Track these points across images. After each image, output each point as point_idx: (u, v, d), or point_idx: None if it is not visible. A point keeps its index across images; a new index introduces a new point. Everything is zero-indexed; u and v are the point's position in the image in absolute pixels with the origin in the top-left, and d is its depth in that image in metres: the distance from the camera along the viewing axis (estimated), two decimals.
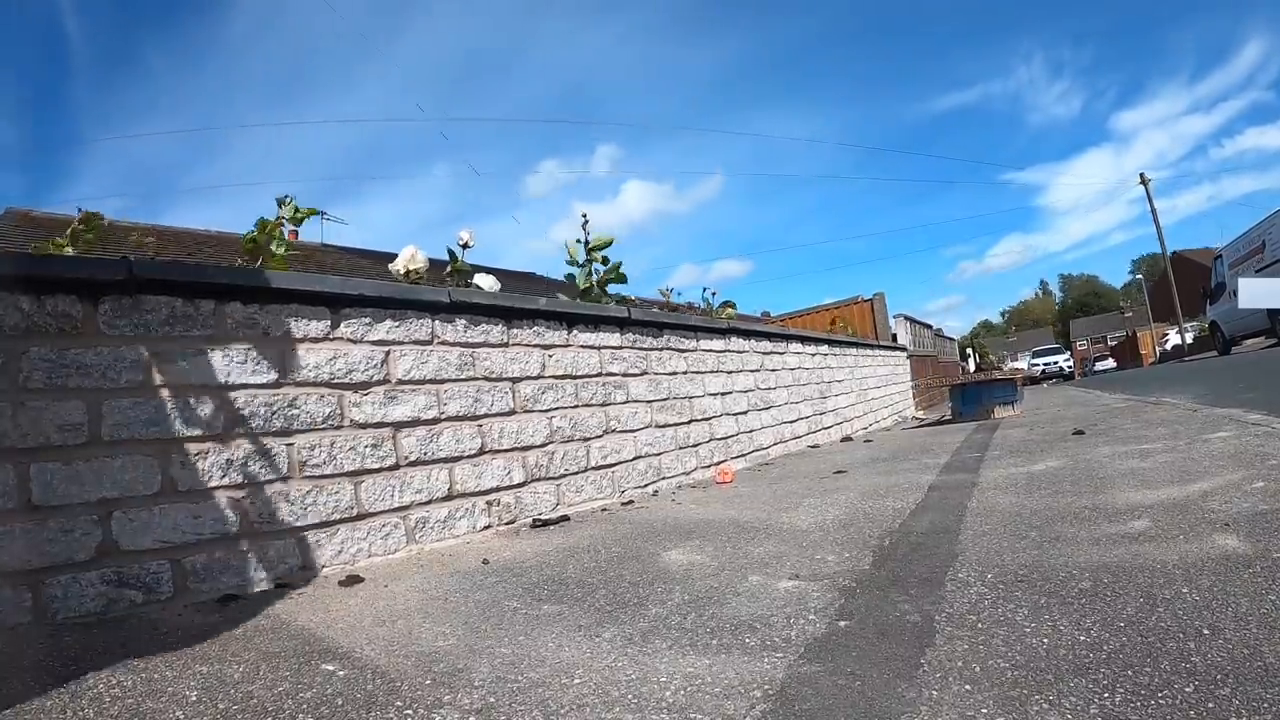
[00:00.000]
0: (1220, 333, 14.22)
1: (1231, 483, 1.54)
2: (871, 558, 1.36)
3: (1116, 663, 0.78)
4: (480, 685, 0.91)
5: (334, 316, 1.81)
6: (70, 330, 1.39)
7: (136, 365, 1.45)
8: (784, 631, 1.01)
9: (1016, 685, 0.76)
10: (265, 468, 1.60)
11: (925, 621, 0.98)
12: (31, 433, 1.31)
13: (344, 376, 1.80)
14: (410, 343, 1.98)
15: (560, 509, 2.30)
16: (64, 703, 0.91)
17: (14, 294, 1.33)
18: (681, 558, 1.54)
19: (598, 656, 0.99)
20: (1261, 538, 1.13)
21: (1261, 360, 7.92)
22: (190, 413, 1.50)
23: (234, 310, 1.62)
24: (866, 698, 0.77)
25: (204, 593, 1.45)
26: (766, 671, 0.87)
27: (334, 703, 0.88)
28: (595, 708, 0.82)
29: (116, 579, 1.34)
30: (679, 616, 1.13)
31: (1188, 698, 0.68)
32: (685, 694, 0.83)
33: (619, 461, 2.61)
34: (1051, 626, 0.91)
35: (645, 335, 2.96)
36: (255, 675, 0.99)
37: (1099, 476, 1.89)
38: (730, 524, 1.88)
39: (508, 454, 2.17)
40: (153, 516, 1.41)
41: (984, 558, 1.26)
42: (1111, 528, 1.34)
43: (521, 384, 2.29)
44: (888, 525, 1.63)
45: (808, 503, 2.10)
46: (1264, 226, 11.95)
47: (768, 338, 4.23)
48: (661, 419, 2.92)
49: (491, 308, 2.24)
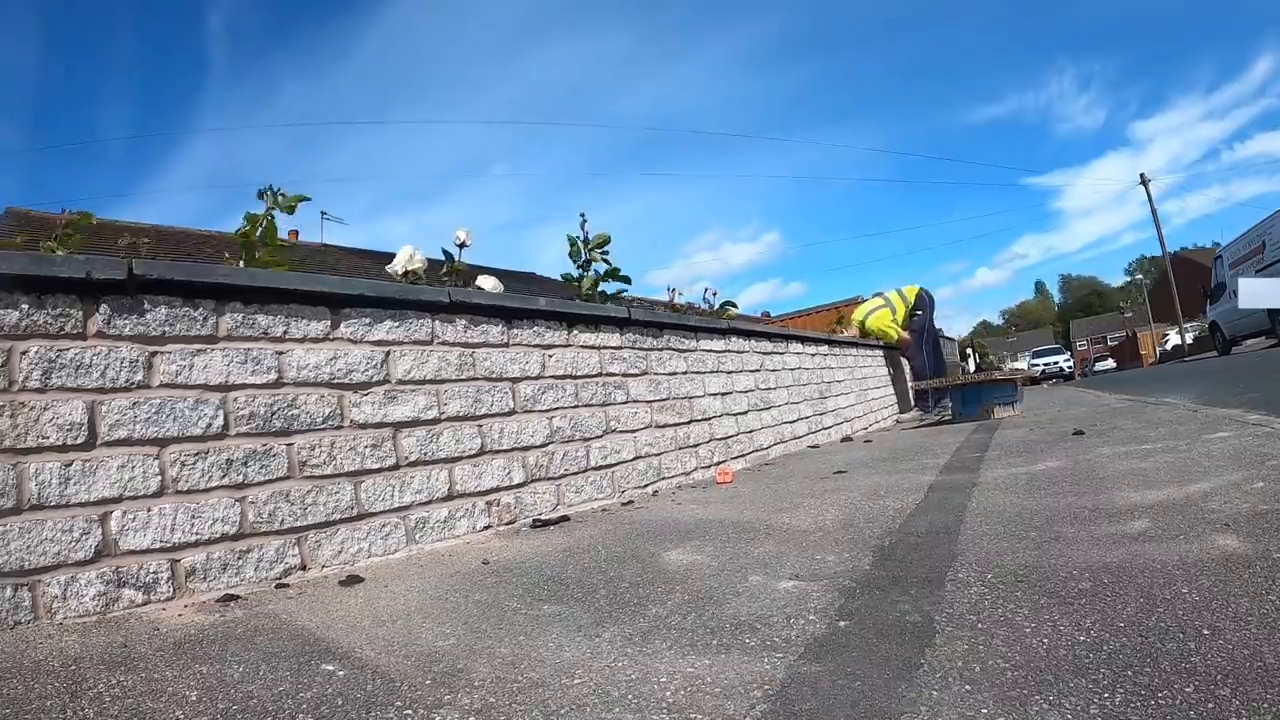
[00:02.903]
0: (1220, 333, 14.24)
1: (1231, 483, 1.54)
2: (871, 558, 1.36)
3: (1116, 663, 0.78)
4: (480, 685, 0.91)
5: (334, 316, 1.81)
6: (70, 330, 1.39)
7: (136, 365, 1.45)
8: (784, 631, 1.01)
9: (1016, 685, 0.76)
10: (265, 468, 1.60)
11: (925, 621, 0.98)
12: (30, 432, 1.31)
13: (344, 377, 1.80)
14: (410, 343, 1.98)
15: (560, 509, 2.30)
16: (64, 703, 0.90)
17: (13, 293, 1.33)
18: (681, 558, 1.54)
19: (598, 657, 0.99)
20: (1261, 538, 1.13)
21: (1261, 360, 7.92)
22: (190, 413, 1.51)
23: (234, 310, 1.63)
24: (866, 698, 0.77)
25: (204, 592, 1.45)
26: (766, 672, 0.87)
27: (334, 703, 0.88)
28: (595, 708, 0.82)
29: (116, 579, 1.34)
30: (679, 616, 1.13)
31: (1188, 698, 0.68)
32: (685, 694, 0.83)
33: (619, 462, 2.61)
34: (1051, 627, 0.91)
35: (645, 335, 2.96)
36: (255, 675, 0.99)
37: (1099, 477, 1.89)
38: (730, 524, 1.88)
39: (508, 454, 2.17)
40: (152, 516, 1.41)
41: (984, 558, 1.26)
42: (1111, 528, 1.34)
43: (521, 384, 2.29)
44: (888, 525, 1.63)
45: (808, 503, 2.10)
46: (1264, 227, 11.95)
47: (768, 338, 4.23)
48: (661, 419, 2.92)
49: (491, 308, 2.24)
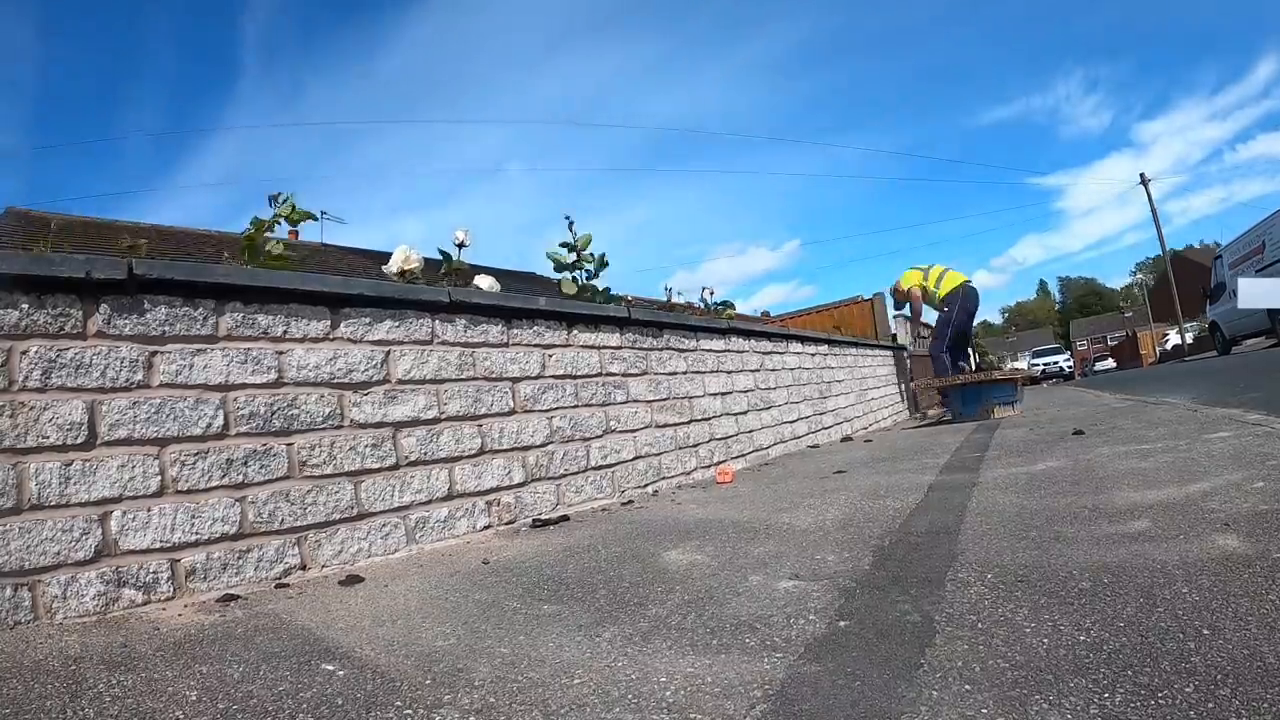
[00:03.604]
0: (1220, 333, 14.23)
1: (1232, 483, 1.54)
2: (871, 558, 1.36)
3: (1116, 663, 0.78)
4: (480, 685, 0.91)
5: (334, 316, 1.81)
6: (70, 329, 1.39)
7: (136, 365, 1.45)
8: (784, 631, 1.01)
9: (1016, 685, 0.76)
10: (265, 467, 1.60)
11: (925, 621, 0.98)
12: (31, 432, 1.31)
13: (344, 376, 1.80)
14: (410, 342, 1.98)
15: (560, 509, 2.30)
16: (64, 703, 0.90)
17: (13, 293, 1.33)
18: (681, 558, 1.54)
19: (598, 656, 0.99)
20: (1261, 538, 1.13)
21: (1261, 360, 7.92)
22: (190, 412, 1.51)
23: (234, 310, 1.63)
24: (866, 698, 0.77)
25: (204, 592, 1.45)
26: (766, 671, 0.87)
27: (334, 703, 0.88)
28: (595, 708, 0.82)
29: (116, 578, 1.34)
30: (679, 616, 1.13)
31: (1188, 698, 0.68)
32: (685, 694, 0.83)
33: (619, 461, 2.61)
34: (1051, 626, 0.90)
35: (645, 335, 2.96)
36: (255, 675, 0.99)
37: (1099, 476, 1.89)
38: (730, 524, 1.88)
39: (508, 454, 2.17)
40: (152, 516, 1.41)
41: (984, 558, 1.25)
42: (1111, 528, 1.34)
43: (521, 384, 2.29)
44: (888, 525, 1.63)
45: (808, 503, 2.10)
46: (1264, 227, 11.95)
47: (768, 338, 4.23)
48: (661, 419, 2.92)
49: (491, 307, 2.24)
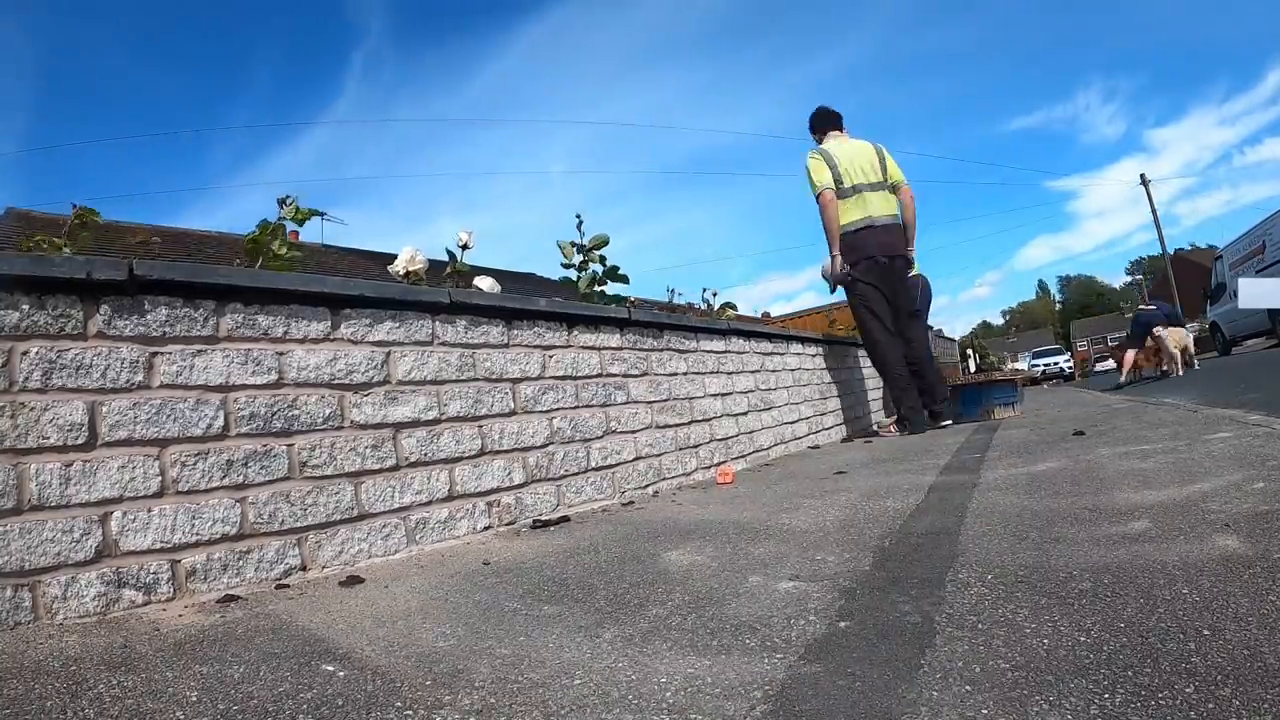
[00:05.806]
0: (1220, 333, 14.24)
1: (1232, 483, 1.54)
2: (871, 558, 1.36)
3: (1117, 663, 0.78)
4: (480, 686, 0.91)
5: (334, 317, 1.81)
6: (70, 330, 1.39)
7: (136, 365, 1.46)
8: (784, 632, 1.01)
9: (1016, 686, 0.76)
10: (265, 468, 1.60)
11: (925, 622, 0.98)
12: (31, 432, 1.31)
13: (344, 377, 1.80)
14: (411, 343, 1.98)
15: (560, 510, 2.30)
16: (64, 703, 0.90)
17: (13, 294, 1.33)
18: (682, 558, 1.54)
19: (598, 657, 0.99)
20: (1262, 538, 1.13)
21: (1261, 360, 7.92)
22: (190, 413, 1.51)
23: (234, 311, 1.63)
24: (866, 698, 0.77)
25: (204, 593, 1.45)
26: (767, 672, 0.87)
27: (334, 703, 0.88)
28: (595, 708, 0.82)
29: (116, 579, 1.34)
30: (679, 617, 1.13)
31: (1188, 698, 0.68)
32: (685, 694, 0.83)
33: (619, 462, 2.61)
34: (1052, 627, 0.90)
35: (646, 336, 2.96)
36: (255, 675, 0.99)
37: (1099, 477, 1.89)
38: (730, 525, 1.88)
39: (508, 455, 2.17)
40: (152, 517, 1.41)
41: (984, 558, 1.25)
42: (1112, 528, 1.34)
43: (522, 385, 2.29)
44: (888, 526, 1.63)
45: (808, 503, 2.10)
46: (1264, 227, 11.96)
47: (768, 338, 4.22)
48: (662, 420, 2.92)
49: (492, 308, 2.24)
